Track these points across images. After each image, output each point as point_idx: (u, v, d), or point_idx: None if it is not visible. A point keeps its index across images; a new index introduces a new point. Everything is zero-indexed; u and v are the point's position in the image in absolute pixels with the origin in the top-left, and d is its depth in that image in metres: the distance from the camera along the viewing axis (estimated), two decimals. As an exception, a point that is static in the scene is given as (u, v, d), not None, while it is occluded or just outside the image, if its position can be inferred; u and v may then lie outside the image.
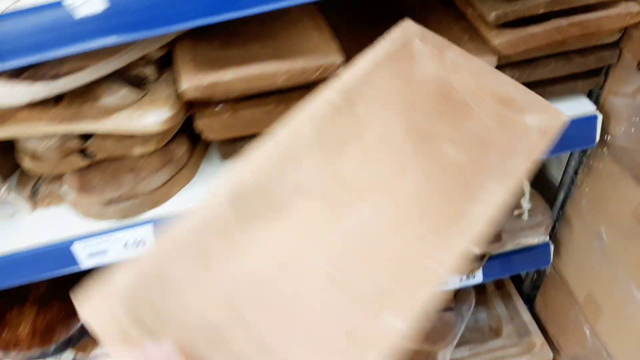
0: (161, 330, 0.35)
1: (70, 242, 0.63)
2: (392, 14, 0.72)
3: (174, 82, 0.58)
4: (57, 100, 0.52)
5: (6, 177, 0.66)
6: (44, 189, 0.64)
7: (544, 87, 0.65)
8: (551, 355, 0.94)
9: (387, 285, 0.38)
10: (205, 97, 0.52)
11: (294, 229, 0.40)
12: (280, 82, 0.53)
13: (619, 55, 0.62)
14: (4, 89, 0.46)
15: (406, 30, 0.48)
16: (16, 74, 0.47)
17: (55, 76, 0.47)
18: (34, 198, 0.65)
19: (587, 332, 0.85)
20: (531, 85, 0.64)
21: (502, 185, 0.41)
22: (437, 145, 0.44)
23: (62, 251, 0.63)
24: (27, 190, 0.64)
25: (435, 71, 0.47)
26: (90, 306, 0.35)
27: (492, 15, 0.56)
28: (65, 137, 0.58)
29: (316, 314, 0.37)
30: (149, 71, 0.55)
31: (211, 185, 0.63)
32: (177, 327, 0.35)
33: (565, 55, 0.62)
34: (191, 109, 0.59)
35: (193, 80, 0.51)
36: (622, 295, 0.74)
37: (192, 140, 0.65)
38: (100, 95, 0.52)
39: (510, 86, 0.45)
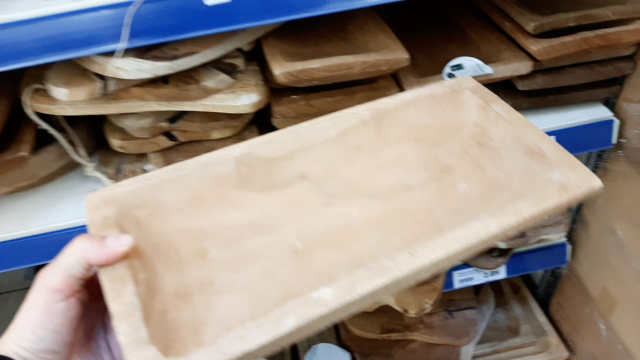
0: (135, 239, 0.39)
1: (149, 216, 0.69)
2: (433, 28, 0.83)
3: (259, 72, 0.66)
4: (164, 81, 0.60)
5: (91, 154, 0.73)
6: (126, 168, 0.71)
7: (569, 92, 0.75)
8: (566, 354, 1.01)
9: (339, 269, 0.40)
10: (291, 83, 0.60)
11: (282, 203, 0.44)
12: (356, 72, 0.61)
13: (634, 66, 0.73)
14: (134, 63, 0.54)
15: (461, 81, 0.50)
16: (142, 52, 0.55)
17: (175, 57, 0.55)
18: (116, 176, 0.71)
19: (602, 327, 0.93)
20: (559, 90, 0.74)
21: (495, 219, 0.38)
22: (451, 179, 0.45)
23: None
24: (110, 169, 0.71)
25: (477, 119, 0.48)
26: (91, 201, 0.41)
27: (531, 26, 0.66)
28: (157, 119, 0.66)
29: (266, 272, 0.40)
30: (239, 61, 0.63)
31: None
32: (148, 243, 0.40)
33: (588, 65, 0.73)
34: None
35: (285, 67, 0.59)
36: (637, 288, 0.82)
37: (260, 131, 0.74)
38: (202, 79, 0.60)
39: (545, 141, 0.44)
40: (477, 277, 0.93)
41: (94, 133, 0.74)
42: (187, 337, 0.36)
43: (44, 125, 0.63)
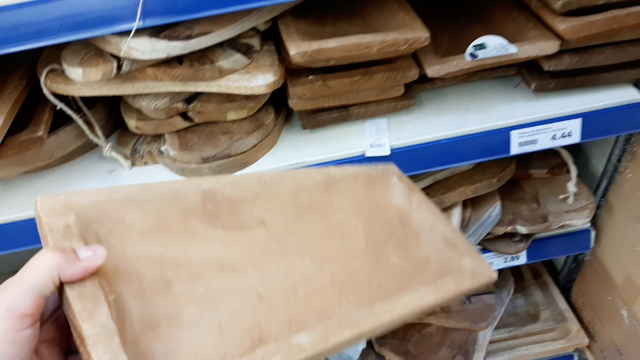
0: None
1: (165, 197, 0.69)
2: (457, 6, 0.80)
3: (275, 52, 0.65)
4: (179, 61, 0.59)
5: (108, 135, 0.73)
6: (142, 148, 0.71)
7: (597, 73, 0.72)
8: (587, 340, 0.99)
9: (307, 318, 0.41)
10: (308, 63, 0.59)
11: (243, 245, 0.43)
12: (374, 52, 0.60)
13: (668, 46, 0.69)
14: (148, 43, 0.53)
15: (389, 168, 0.56)
16: (156, 32, 0.54)
17: (189, 37, 0.54)
18: (133, 156, 0.71)
19: (625, 315, 0.90)
20: (586, 71, 0.71)
21: (431, 293, 0.44)
22: (385, 251, 0.49)
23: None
24: (128, 149, 0.71)
25: (402, 203, 0.53)
26: (49, 205, 0.36)
27: (558, 4, 0.63)
28: (173, 99, 0.65)
29: (234, 314, 0.39)
30: (254, 41, 0.62)
31: (293, 152, 0.70)
32: (108, 259, 0.35)
33: (618, 44, 0.69)
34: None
35: (301, 47, 0.58)
36: (661, 275, 0.80)
37: (276, 111, 0.73)
38: (217, 59, 0.59)
39: (456, 234, 0.50)
40: (497, 262, 0.92)
41: (111, 114, 0.75)
42: None
43: (60, 105, 0.63)
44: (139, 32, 0.54)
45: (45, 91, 0.62)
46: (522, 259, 0.92)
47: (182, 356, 0.36)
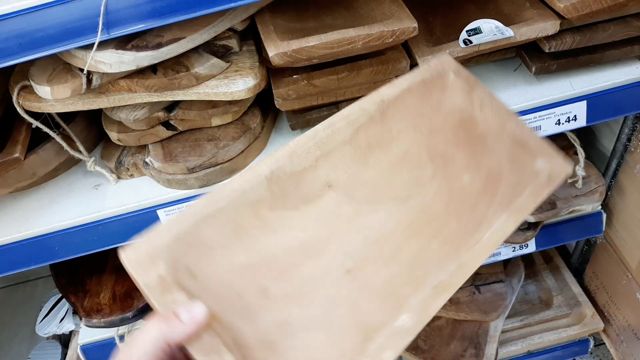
0: (196, 293, 0.36)
1: (154, 209, 0.67)
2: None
3: (256, 52, 0.61)
4: (153, 71, 0.56)
5: (91, 149, 0.71)
6: (127, 161, 0.68)
7: (602, 51, 0.67)
8: (602, 325, 0.96)
9: (401, 288, 0.40)
10: (289, 63, 0.55)
11: (319, 220, 0.43)
12: (359, 46, 0.56)
13: (678, 18, 0.64)
14: (115, 56, 0.50)
15: (443, 63, 0.51)
16: (123, 43, 0.51)
17: (159, 45, 0.51)
18: (118, 169, 0.69)
19: (641, 298, 0.87)
20: (590, 49, 0.67)
21: (511, 217, 0.42)
22: (454, 171, 0.47)
23: (147, 217, 0.67)
24: (112, 162, 0.69)
25: (463, 104, 0.49)
26: (135, 261, 0.37)
27: (556, -20, 0.59)
28: (153, 109, 0.62)
29: (333, 302, 0.39)
30: (233, 43, 0.58)
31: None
32: (209, 293, 0.37)
33: (624, 19, 0.65)
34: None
35: (280, 47, 0.54)
36: (678, 258, 0.76)
37: (263, 113, 0.69)
38: (192, 65, 0.56)
39: (526, 131, 0.46)
40: (505, 251, 0.88)
41: (93, 126, 0.72)
42: None
43: (36, 123, 0.61)
44: (105, 44, 0.51)
45: (19, 109, 0.59)
46: (531, 247, 0.88)
47: None
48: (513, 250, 0.88)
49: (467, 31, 0.63)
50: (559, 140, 0.87)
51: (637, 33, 0.66)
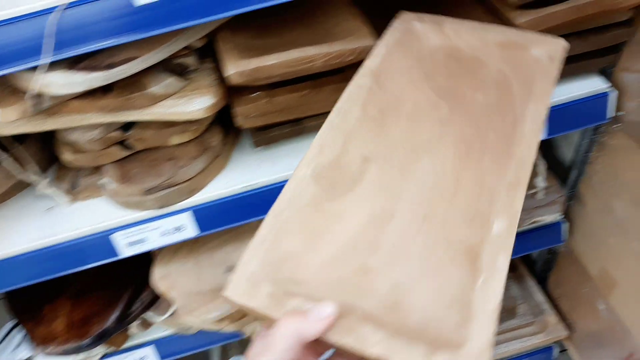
0: (310, 293, 0.38)
1: (109, 232, 0.64)
2: (414, 2, 0.75)
3: (215, 70, 0.60)
4: (106, 90, 0.54)
5: (44, 170, 0.68)
6: (82, 182, 0.66)
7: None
8: (566, 332, 0.98)
9: (476, 206, 0.43)
10: (248, 82, 0.54)
11: (374, 190, 0.45)
12: (318, 65, 0.55)
13: (633, 32, 0.66)
14: (65, 77, 0.48)
15: (404, 18, 0.55)
16: (73, 63, 0.49)
17: (110, 65, 0.49)
18: (73, 191, 0.66)
19: (602, 307, 0.89)
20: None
21: (538, 104, 0.46)
22: (466, 96, 0.50)
23: (102, 240, 0.64)
24: (66, 184, 0.66)
25: (440, 42, 0.53)
26: (238, 293, 0.38)
27: (514, -3, 0.59)
28: (108, 128, 0.60)
29: (427, 248, 0.41)
30: (190, 60, 0.57)
31: (245, 173, 0.66)
32: (318, 290, 0.38)
33: (580, 34, 0.66)
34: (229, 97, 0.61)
35: (238, 66, 0.53)
36: (636, 267, 0.78)
37: (224, 130, 0.68)
38: (147, 85, 0.54)
39: (507, 32, 0.51)
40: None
41: (47, 146, 0.69)
42: (442, 334, 0.36)
43: (-18, 145, 0.58)
44: (54, 65, 0.48)
45: (-37, 132, 0.56)
46: (496, 257, 0.89)
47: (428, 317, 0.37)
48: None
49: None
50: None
51: (594, 47, 0.67)
